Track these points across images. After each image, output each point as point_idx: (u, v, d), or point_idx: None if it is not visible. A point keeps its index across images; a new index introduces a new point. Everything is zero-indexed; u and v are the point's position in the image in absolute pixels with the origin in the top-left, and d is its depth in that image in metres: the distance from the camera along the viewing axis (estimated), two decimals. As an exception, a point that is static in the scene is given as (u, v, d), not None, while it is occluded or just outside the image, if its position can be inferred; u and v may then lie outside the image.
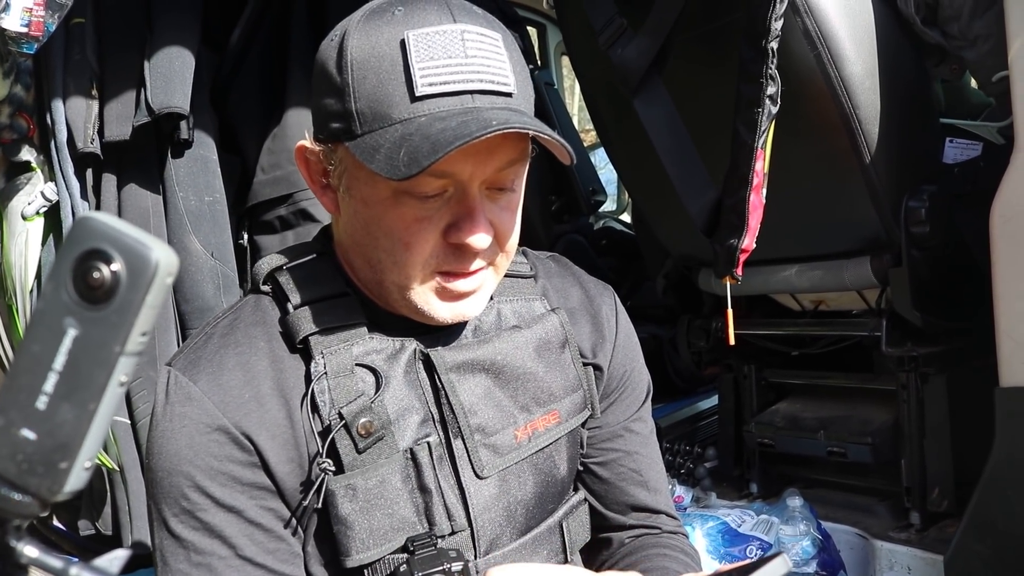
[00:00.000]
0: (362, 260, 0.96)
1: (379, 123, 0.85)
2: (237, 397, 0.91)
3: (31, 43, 1.57)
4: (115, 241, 0.43)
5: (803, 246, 2.13)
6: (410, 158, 0.81)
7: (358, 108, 0.86)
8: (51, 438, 0.44)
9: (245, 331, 0.96)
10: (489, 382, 1.00)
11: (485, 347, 1.00)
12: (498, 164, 0.89)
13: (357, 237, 0.95)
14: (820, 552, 1.99)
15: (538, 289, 1.11)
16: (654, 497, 1.16)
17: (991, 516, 1.64)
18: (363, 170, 0.88)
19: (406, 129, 0.84)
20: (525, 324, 1.05)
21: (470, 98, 0.85)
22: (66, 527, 2.01)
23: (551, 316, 1.07)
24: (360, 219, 0.93)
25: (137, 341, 0.44)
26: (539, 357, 1.04)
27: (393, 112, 0.85)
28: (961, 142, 2.00)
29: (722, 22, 1.91)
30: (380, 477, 0.92)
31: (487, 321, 1.04)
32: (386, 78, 0.84)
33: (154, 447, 0.90)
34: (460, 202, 0.90)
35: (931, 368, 2.02)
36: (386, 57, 0.85)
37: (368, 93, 0.85)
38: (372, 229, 0.92)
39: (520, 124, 0.83)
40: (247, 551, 0.90)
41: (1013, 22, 1.56)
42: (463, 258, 0.92)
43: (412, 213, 0.89)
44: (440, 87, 0.84)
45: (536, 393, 1.03)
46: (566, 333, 1.07)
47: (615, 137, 2.47)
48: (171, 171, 1.91)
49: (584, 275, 1.19)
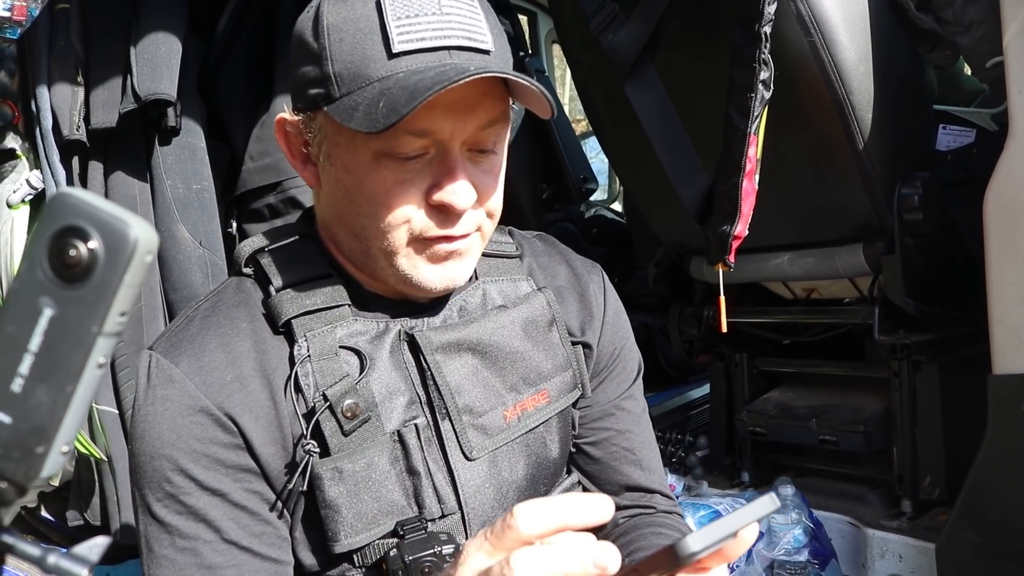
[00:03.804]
0: (346, 231, 0.95)
1: (357, 83, 0.85)
2: (219, 378, 0.90)
3: (14, 28, 1.54)
4: (92, 217, 0.42)
5: (795, 233, 2.12)
6: (388, 109, 0.81)
7: (335, 71, 0.85)
8: (27, 422, 0.42)
9: (227, 313, 0.95)
10: (476, 362, 0.99)
11: (471, 327, 0.99)
12: (478, 123, 0.89)
13: (340, 207, 0.93)
14: (812, 540, 1.99)
15: (524, 268, 1.10)
16: (648, 476, 1.15)
17: (983, 504, 1.63)
18: (343, 135, 0.88)
19: (384, 85, 0.83)
20: (511, 304, 1.04)
21: (447, 54, 0.85)
22: (54, 517, 2.00)
23: (537, 295, 1.06)
24: (342, 187, 0.92)
25: (116, 321, 0.42)
26: (526, 336, 1.03)
27: (370, 71, 0.84)
28: (954, 129, 2.00)
29: (714, 7, 1.90)
30: (367, 460, 0.91)
31: (472, 302, 1.03)
32: (362, 38, 0.84)
33: (136, 431, 0.89)
34: (442, 162, 0.89)
35: (923, 356, 2.02)
36: (362, 18, 0.85)
37: (345, 54, 0.85)
38: (354, 196, 0.90)
39: (499, 70, 0.83)
40: (232, 535, 0.89)
41: (1007, 8, 1.55)
42: (447, 220, 0.90)
43: (393, 176, 0.88)
44: (417, 43, 0.84)
45: (524, 373, 1.02)
46: (553, 312, 1.06)
47: (606, 124, 2.46)
48: (158, 159, 1.89)
49: (571, 253, 1.18)
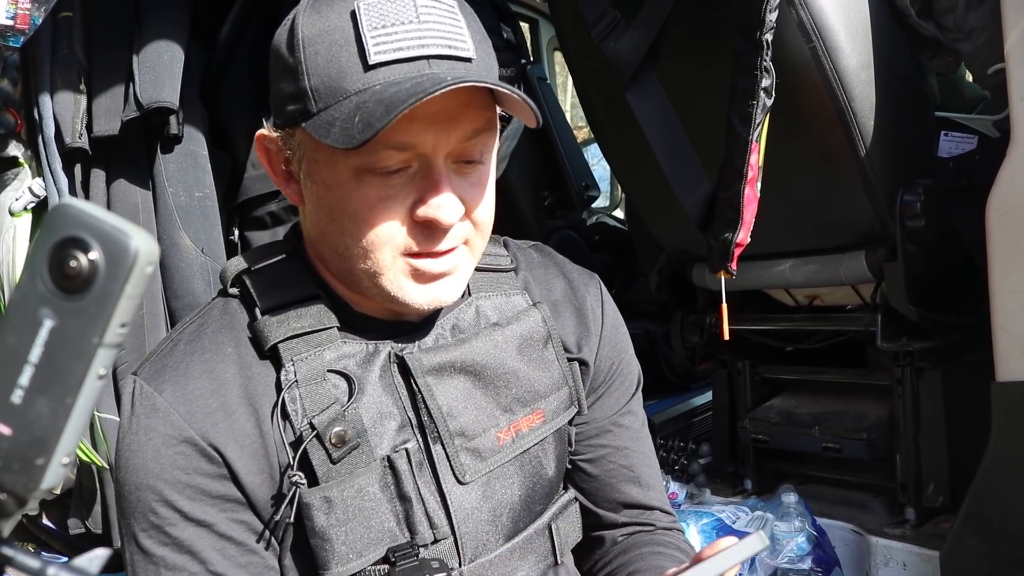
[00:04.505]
0: (330, 251, 0.91)
1: (334, 97, 0.81)
2: (204, 407, 0.87)
3: (17, 36, 1.55)
4: (93, 228, 0.41)
5: (798, 240, 2.12)
6: (364, 124, 0.77)
7: (312, 85, 0.82)
8: (27, 433, 0.42)
9: (212, 337, 0.92)
10: (468, 383, 0.95)
11: (463, 347, 0.96)
12: (462, 134, 0.85)
13: (322, 226, 0.90)
14: (815, 548, 1.98)
15: (519, 283, 1.06)
16: (647, 493, 1.12)
17: (987, 512, 1.63)
18: (322, 151, 0.85)
19: (360, 99, 0.80)
20: (505, 321, 1.00)
21: (426, 63, 0.81)
22: (56, 525, 1.99)
23: (533, 312, 1.02)
24: (324, 205, 0.88)
25: (116, 332, 0.42)
26: (521, 355, 0.99)
27: (347, 84, 0.81)
28: (956, 135, 2.00)
29: (716, 14, 1.90)
30: (357, 487, 0.89)
31: (465, 319, 0.99)
32: (338, 51, 0.81)
33: (121, 460, 0.87)
34: (425, 177, 0.85)
35: (926, 363, 2.02)
36: (337, 30, 0.81)
37: (321, 68, 0.82)
38: (336, 214, 0.87)
39: (477, 79, 0.79)
40: (218, 566, 0.87)
41: (1009, 15, 1.55)
42: (433, 236, 0.87)
43: (375, 192, 0.84)
44: (393, 54, 0.80)
45: (519, 393, 0.99)
46: (549, 329, 1.02)
47: (608, 131, 2.46)
48: (161, 167, 1.89)
49: (568, 264, 1.14)
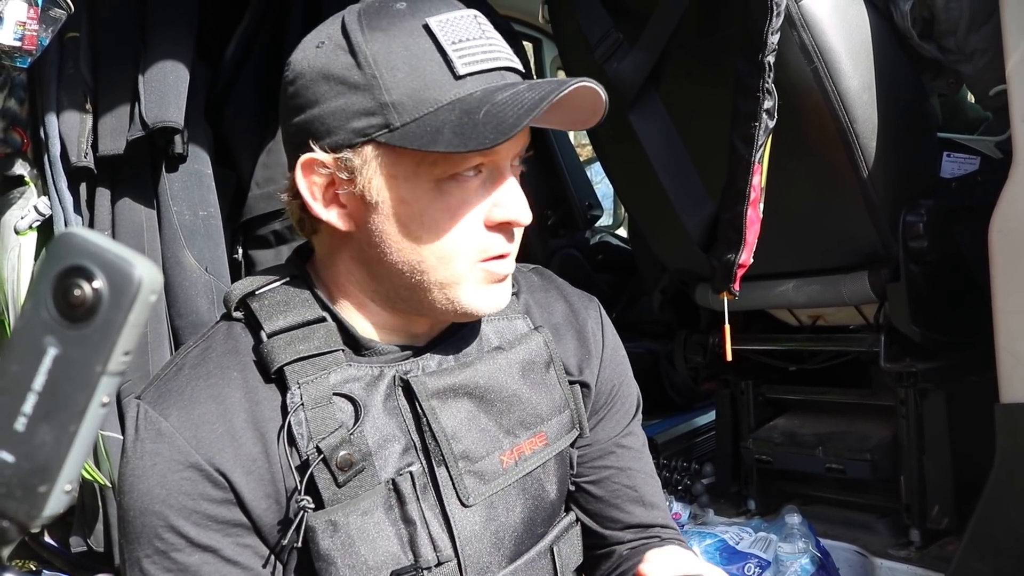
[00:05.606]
0: (388, 270, 0.91)
1: (422, 109, 0.84)
2: (210, 432, 0.87)
3: (25, 57, 1.56)
4: (97, 257, 0.42)
5: (801, 261, 2.12)
6: (496, 124, 0.81)
7: (393, 99, 0.84)
8: (30, 461, 0.42)
9: (217, 361, 0.92)
10: (472, 407, 0.96)
11: (467, 371, 0.96)
12: (525, 140, 0.92)
13: (388, 246, 0.90)
14: (819, 570, 1.97)
15: (520, 306, 1.08)
16: (650, 513, 1.14)
17: (992, 533, 1.62)
18: (402, 165, 0.86)
19: (464, 106, 0.83)
20: (508, 345, 1.02)
21: (500, 75, 0.87)
22: (58, 543, 1.99)
23: (535, 335, 1.04)
24: (393, 222, 0.88)
25: (120, 361, 0.43)
26: (524, 378, 1.00)
27: (437, 95, 0.84)
28: (959, 156, 2.00)
29: (718, 36, 1.91)
30: (362, 510, 0.89)
31: (468, 343, 1.01)
32: (419, 64, 0.84)
33: (125, 485, 0.87)
34: (496, 181, 0.90)
35: (930, 384, 2.01)
36: (414, 45, 0.84)
37: (402, 82, 0.84)
38: (413, 228, 0.88)
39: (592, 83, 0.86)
40: None
41: (1010, 36, 1.56)
42: (506, 238, 0.92)
43: (455, 199, 0.88)
44: (477, 65, 0.85)
45: (522, 416, 1.00)
46: (550, 352, 1.04)
47: (611, 151, 2.47)
48: (165, 185, 1.90)
49: (568, 287, 1.16)
